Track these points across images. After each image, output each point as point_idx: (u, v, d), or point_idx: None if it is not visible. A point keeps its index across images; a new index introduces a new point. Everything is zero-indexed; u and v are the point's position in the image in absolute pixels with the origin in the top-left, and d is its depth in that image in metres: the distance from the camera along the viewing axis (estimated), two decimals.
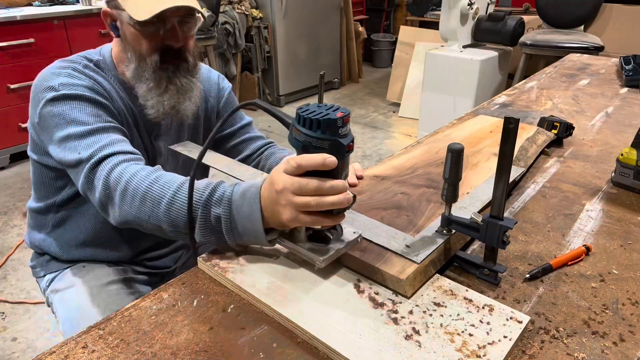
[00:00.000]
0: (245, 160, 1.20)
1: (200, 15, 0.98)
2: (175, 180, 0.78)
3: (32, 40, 3.05)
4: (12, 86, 3.03)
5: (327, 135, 0.64)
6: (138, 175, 0.80)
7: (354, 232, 0.74)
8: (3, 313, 1.90)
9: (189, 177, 0.75)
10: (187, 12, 0.96)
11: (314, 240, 0.72)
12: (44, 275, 1.13)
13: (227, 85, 1.22)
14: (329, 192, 0.64)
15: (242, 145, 1.21)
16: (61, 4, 3.33)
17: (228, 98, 1.21)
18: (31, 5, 3.26)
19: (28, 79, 3.10)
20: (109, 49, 1.04)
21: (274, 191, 0.67)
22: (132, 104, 1.03)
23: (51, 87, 0.90)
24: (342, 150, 0.65)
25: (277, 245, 0.75)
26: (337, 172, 0.65)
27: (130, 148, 0.89)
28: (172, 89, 1.00)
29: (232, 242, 0.73)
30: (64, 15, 3.16)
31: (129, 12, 0.93)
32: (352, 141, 0.67)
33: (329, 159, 0.63)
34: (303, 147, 0.66)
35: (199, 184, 0.75)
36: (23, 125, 3.15)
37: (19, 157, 3.26)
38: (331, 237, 0.73)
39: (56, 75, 0.93)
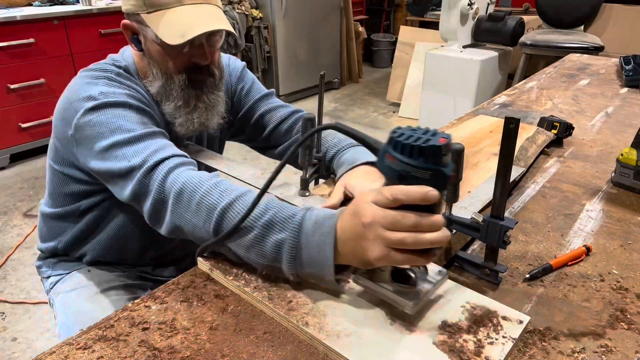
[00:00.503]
0: (272, 133, 1.14)
1: (230, 31, 0.92)
2: (236, 189, 0.73)
3: (32, 40, 3.05)
4: (12, 86, 3.03)
5: (430, 165, 0.55)
6: (195, 179, 0.75)
7: (440, 271, 0.67)
8: (3, 313, 1.90)
9: (251, 189, 0.71)
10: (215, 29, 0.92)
11: (395, 279, 0.64)
12: (49, 277, 1.12)
13: (238, 65, 1.17)
14: (429, 229, 0.56)
15: (266, 118, 1.15)
16: (61, 4, 3.33)
17: (241, 76, 1.16)
18: (31, 5, 3.26)
19: (28, 79, 3.10)
20: (131, 57, 0.99)
21: (359, 224, 0.58)
22: (160, 112, 1.00)
23: (90, 96, 0.85)
24: (445, 182, 0.57)
25: (351, 285, 0.68)
26: (437, 205, 0.58)
27: (182, 152, 0.84)
28: (201, 107, 0.97)
29: (291, 271, 0.66)
30: (64, 16, 3.16)
31: (158, 34, 0.88)
32: (455, 171, 0.61)
33: (432, 193, 0.54)
34: (399, 177, 0.57)
35: (263, 199, 0.69)
36: (23, 126, 3.15)
37: (19, 157, 3.26)
38: (413, 275, 0.65)
39: (93, 84, 0.88)
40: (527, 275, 0.74)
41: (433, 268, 0.67)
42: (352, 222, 0.60)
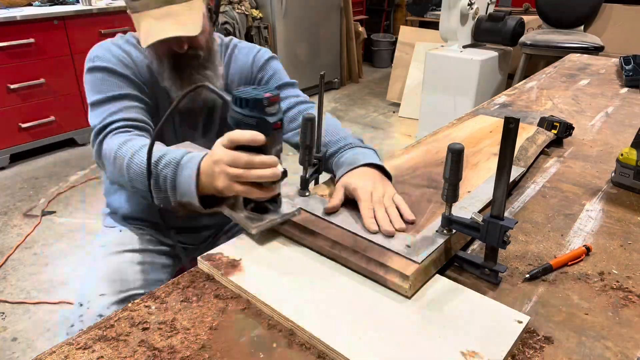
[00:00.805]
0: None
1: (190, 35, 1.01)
2: (139, 143, 0.90)
3: (32, 40, 3.05)
4: (12, 86, 3.03)
5: (255, 113, 0.70)
6: (118, 141, 0.92)
7: (292, 207, 0.81)
8: (3, 313, 1.90)
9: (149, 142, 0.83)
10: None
11: (255, 211, 0.80)
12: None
13: (264, 56, 1.19)
14: (259, 166, 0.72)
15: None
16: (61, 4, 3.33)
17: (262, 66, 1.19)
18: (31, 5, 3.26)
19: (28, 79, 3.10)
20: None
21: (211, 161, 0.76)
22: (152, 78, 1.10)
23: (90, 58, 1.05)
24: (269, 128, 0.71)
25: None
26: (267, 148, 0.72)
27: (134, 115, 1.00)
28: (190, 85, 1.02)
29: (174, 200, 0.83)
30: (64, 15, 3.16)
31: (135, 33, 1.06)
32: (281, 120, 0.74)
33: (258, 136, 0.70)
34: (236, 124, 0.72)
35: (165, 149, 0.87)
36: (23, 126, 3.15)
37: (19, 157, 3.26)
38: (271, 208, 0.80)
39: (97, 47, 1.07)
40: (527, 275, 0.74)
41: (289, 205, 0.82)
42: (207, 160, 0.78)
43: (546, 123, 1.27)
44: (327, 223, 0.80)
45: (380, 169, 0.91)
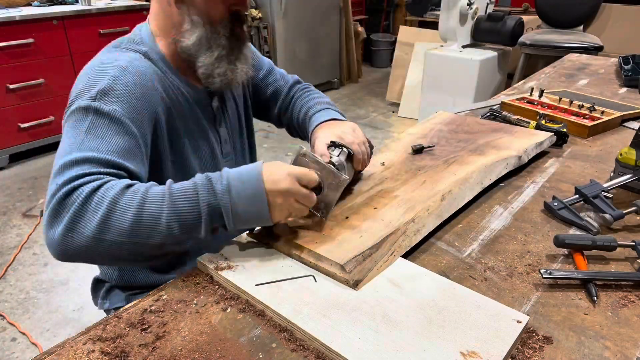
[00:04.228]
0: (284, 113, 1.18)
1: None
2: (143, 187, 0.73)
3: (31, 40, 3.05)
4: (11, 86, 3.03)
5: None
6: (113, 190, 0.72)
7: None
8: (3, 313, 1.90)
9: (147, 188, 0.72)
10: None
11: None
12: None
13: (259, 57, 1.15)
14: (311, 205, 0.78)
15: (272, 101, 1.17)
16: (60, 4, 3.33)
17: (263, 68, 1.15)
18: (30, 5, 3.25)
19: (27, 79, 3.09)
20: (143, 31, 0.94)
21: (279, 191, 0.74)
22: (185, 89, 0.94)
23: (83, 90, 0.80)
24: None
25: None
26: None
27: (132, 167, 0.79)
28: (241, 58, 0.95)
29: (228, 229, 0.73)
30: (63, 16, 3.16)
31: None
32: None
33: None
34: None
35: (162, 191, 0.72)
36: (22, 126, 3.15)
37: (18, 157, 3.26)
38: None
39: (99, 72, 0.83)
40: None
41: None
42: (273, 189, 0.73)
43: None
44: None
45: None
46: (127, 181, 0.73)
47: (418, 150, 1.12)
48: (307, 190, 0.76)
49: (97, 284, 1.08)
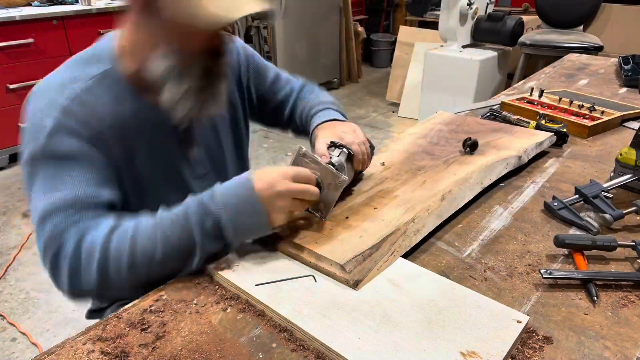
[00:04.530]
0: (291, 120, 1.17)
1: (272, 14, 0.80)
2: (130, 223, 0.74)
3: (31, 40, 3.05)
4: (11, 86, 3.03)
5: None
6: (99, 235, 0.74)
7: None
8: (3, 313, 1.90)
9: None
10: None
11: None
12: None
13: (239, 45, 1.08)
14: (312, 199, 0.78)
15: (280, 108, 1.16)
16: (60, 4, 3.33)
17: (249, 59, 1.09)
18: (30, 5, 3.25)
19: (27, 79, 3.09)
20: (108, 45, 0.84)
21: (273, 193, 0.74)
22: (146, 113, 0.86)
23: (31, 133, 0.78)
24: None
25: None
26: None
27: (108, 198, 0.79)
28: (214, 95, 0.86)
29: (231, 243, 0.75)
30: (63, 15, 3.16)
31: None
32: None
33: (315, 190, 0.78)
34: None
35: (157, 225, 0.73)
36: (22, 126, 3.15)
37: (18, 157, 3.26)
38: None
39: (45, 105, 0.79)
40: None
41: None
42: (267, 192, 0.73)
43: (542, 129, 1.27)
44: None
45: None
46: (109, 223, 0.74)
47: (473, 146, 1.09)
48: (306, 185, 0.75)
49: (92, 314, 1.07)
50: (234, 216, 0.72)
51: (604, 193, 0.95)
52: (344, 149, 0.89)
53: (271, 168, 0.76)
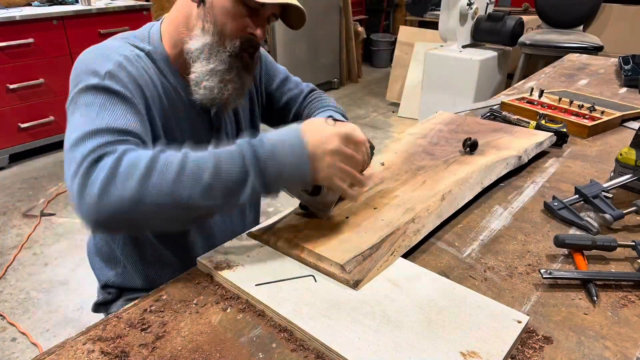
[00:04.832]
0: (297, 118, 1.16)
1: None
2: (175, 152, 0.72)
3: (31, 40, 3.05)
4: (11, 86, 3.03)
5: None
6: (143, 153, 0.72)
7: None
8: (3, 313, 1.90)
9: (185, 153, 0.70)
10: (283, 9, 0.90)
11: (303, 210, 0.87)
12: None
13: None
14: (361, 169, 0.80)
15: (286, 109, 1.16)
16: (60, 4, 3.33)
17: (261, 58, 1.11)
18: (30, 5, 3.25)
19: (27, 79, 3.09)
20: (157, 28, 0.92)
21: (326, 150, 0.74)
22: (184, 92, 0.91)
23: (93, 71, 0.79)
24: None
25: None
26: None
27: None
28: (237, 82, 0.91)
29: (276, 187, 0.73)
30: (63, 15, 3.16)
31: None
32: None
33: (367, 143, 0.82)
34: None
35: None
36: (22, 126, 3.15)
37: (18, 157, 3.26)
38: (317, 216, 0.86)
39: (102, 58, 0.82)
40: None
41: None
42: (319, 149, 0.73)
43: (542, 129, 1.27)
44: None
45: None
46: (157, 148, 0.71)
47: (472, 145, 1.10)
48: (352, 151, 0.75)
49: (98, 307, 1.07)
50: (282, 159, 0.70)
51: (604, 193, 0.95)
52: None
53: (321, 122, 0.76)
